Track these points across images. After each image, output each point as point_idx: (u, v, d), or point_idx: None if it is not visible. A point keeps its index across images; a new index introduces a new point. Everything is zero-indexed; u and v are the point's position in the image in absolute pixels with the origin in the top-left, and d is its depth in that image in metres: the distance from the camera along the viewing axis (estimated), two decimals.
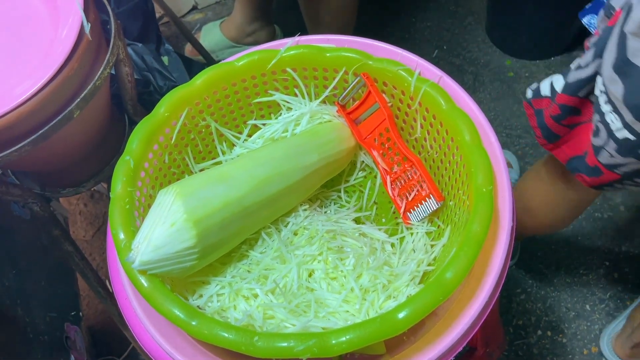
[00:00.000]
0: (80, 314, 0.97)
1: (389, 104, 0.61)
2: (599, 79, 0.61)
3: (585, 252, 1.22)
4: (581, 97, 0.66)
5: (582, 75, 0.63)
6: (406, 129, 0.63)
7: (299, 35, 0.63)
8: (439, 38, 1.54)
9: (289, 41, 0.62)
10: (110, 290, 0.91)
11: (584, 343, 1.13)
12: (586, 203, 0.88)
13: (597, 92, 0.62)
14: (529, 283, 1.20)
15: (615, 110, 0.59)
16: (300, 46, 0.61)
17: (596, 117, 0.63)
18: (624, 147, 0.60)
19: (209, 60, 1.34)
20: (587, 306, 1.17)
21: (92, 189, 1.38)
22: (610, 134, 0.60)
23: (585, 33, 0.73)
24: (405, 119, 0.62)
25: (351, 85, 0.61)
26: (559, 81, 0.68)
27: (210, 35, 1.54)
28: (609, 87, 0.58)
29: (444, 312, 0.51)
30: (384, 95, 0.61)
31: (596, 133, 0.63)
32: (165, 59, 0.95)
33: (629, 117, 0.57)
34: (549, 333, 1.15)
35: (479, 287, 0.51)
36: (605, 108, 0.60)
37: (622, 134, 0.59)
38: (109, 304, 0.86)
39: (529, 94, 0.73)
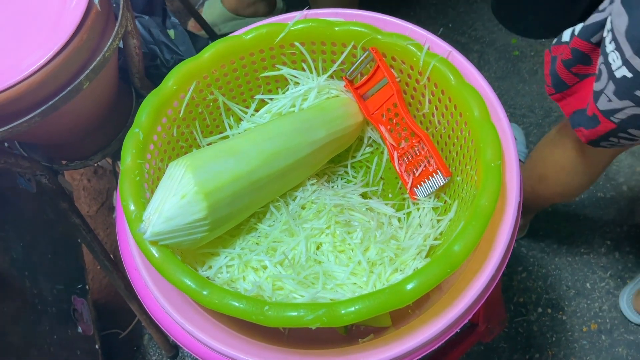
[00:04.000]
0: (87, 287, 0.98)
1: (397, 79, 0.61)
2: (608, 18, 0.62)
3: (587, 231, 1.23)
4: (593, 44, 0.66)
5: (598, 18, 0.64)
6: (414, 104, 0.63)
7: (307, 8, 0.63)
8: (444, 16, 1.53)
9: (297, 15, 0.62)
10: (115, 263, 0.92)
11: (583, 320, 1.14)
12: (598, 169, 0.88)
13: (605, 32, 0.63)
14: (530, 261, 1.21)
15: (618, 47, 0.60)
16: (309, 20, 0.60)
17: (600, 59, 0.63)
18: (621, 87, 0.60)
19: (212, 35, 1.33)
20: (588, 284, 1.18)
21: (96, 165, 1.38)
22: (611, 74, 0.61)
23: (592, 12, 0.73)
24: (413, 94, 0.62)
25: (359, 60, 0.61)
26: (579, 26, 0.69)
27: (212, 9, 1.53)
28: (614, 21, 0.59)
29: (449, 286, 0.52)
30: (392, 70, 0.61)
31: (598, 77, 0.64)
32: (171, 32, 0.94)
33: (628, 52, 0.58)
34: (549, 311, 1.16)
35: (485, 261, 0.52)
36: (609, 47, 0.61)
37: (621, 72, 0.59)
38: (114, 277, 0.87)
39: (554, 41, 0.75)
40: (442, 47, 0.61)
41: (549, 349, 1.13)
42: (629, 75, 0.59)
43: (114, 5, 0.67)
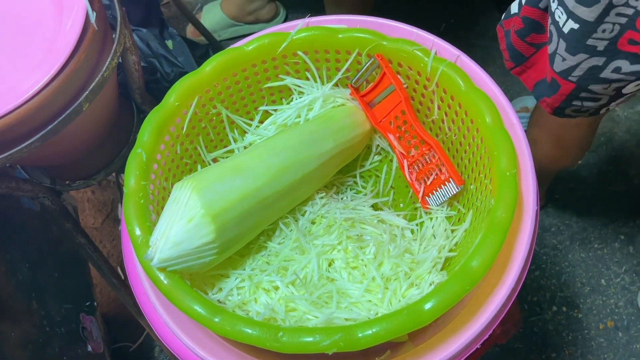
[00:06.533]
0: (95, 303, 0.97)
1: (405, 86, 0.59)
2: None
3: (600, 227, 1.21)
4: (541, 9, 0.67)
5: None
6: (423, 111, 0.61)
7: (309, 16, 0.61)
8: (447, 11, 1.51)
9: (299, 23, 0.60)
10: (123, 278, 0.90)
11: (599, 318, 1.13)
12: (584, 129, 0.88)
13: None
14: (543, 259, 1.19)
15: (560, 2, 0.60)
16: (311, 28, 0.59)
17: (549, 21, 0.64)
18: (571, 41, 0.61)
19: (211, 41, 1.31)
20: (602, 281, 1.16)
21: None
22: (559, 32, 0.61)
23: None
24: (421, 100, 0.60)
25: (365, 67, 0.59)
26: None
27: (211, 15, 1.51)
28: None
29: (468, 299, 0.50)
30: (399, 76, 0.59)
31: (550, 39, 0.65)
32: (169, 42, 0.93)
33: (571, 3, 0.58)
34: (564, 309, 1.14)
35: (504, 273, 0.50)
36: (554, 5, 0.61)
37: (568, 25, 0.60)
38: (122, 293, 0.86)
39: (503, 16, 0.75)
40: (449, 51, 0.59)
41: (566, 348, 1.11)
42: (576, 26, 0.59)
43: (110, 17, 0.65)
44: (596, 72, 0.62)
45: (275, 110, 0.64)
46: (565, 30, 0.60)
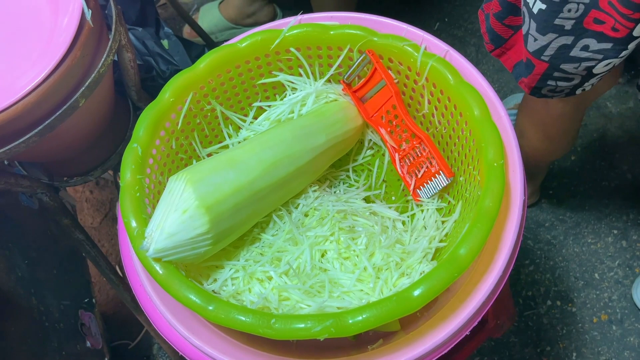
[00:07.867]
0: (94, 300, 0.98)
1: (396, 81, 0.61)
2: None
3: (593, 221, 1.22)
4: None
5: None
6: (413, 105, 0.62)
7: (302, 13, 0.63)
8: (440, 10, 1.52)
9: (291, 20, 0.61)
10: (121, 275, 0.91)
11: (593, 311, 1.14)
12: (568, 119, 0.90)
13: None
14: (537, 254, 1.21)
15: None
16: (303, 25, 0.60)
17: (522, 2, 0.65)
18: (541, 21, 0.62)
19: (207, 42, 1.32)
20: (596, 275, 1.17)
21: None
22: (530, 12, 0.63)
23: None
24: (412, 95, 0.61)
25: (356, 63, 0.60)
26: None
27: (209, 17, 1.51)
28: None
29: (457, 287, 0.52)
30: (390, 71, 0.60)
31: (523, 20, 0.66)
32: (164, 42, 0.94)
33: None
34: (558, 303, 1.15)
35: (492, 261, 0.51)
36: None
37: (537, 6, 0.61)
38: (121, 290, 0.87)
39: (484, 0, 0.77)
40: (439, 46, 0.60)
41: (560, 341, 1.12)
42: (543, 6, 0.60)
43: (107, 16, 0.66)
44: (566, 51, 0.64)
45: (269, 106, 0.66)
46: (535, 10, 0.62)
